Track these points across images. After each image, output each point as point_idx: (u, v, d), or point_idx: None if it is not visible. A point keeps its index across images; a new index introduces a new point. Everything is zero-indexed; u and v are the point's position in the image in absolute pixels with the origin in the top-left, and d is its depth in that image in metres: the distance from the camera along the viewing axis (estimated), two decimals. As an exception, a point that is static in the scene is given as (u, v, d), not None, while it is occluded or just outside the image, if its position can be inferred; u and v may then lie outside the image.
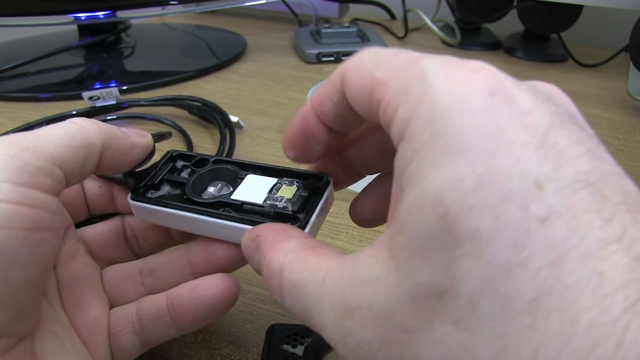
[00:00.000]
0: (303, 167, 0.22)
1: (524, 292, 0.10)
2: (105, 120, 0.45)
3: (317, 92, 0.18)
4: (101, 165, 0.20)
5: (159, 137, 0.41)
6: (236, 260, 0.21)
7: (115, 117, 0.46)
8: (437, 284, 0.11)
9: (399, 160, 0.13)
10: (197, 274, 0.21)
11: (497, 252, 0.11)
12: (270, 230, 0.18)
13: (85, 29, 0.62)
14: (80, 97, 0.45)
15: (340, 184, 0.22)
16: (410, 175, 0.12)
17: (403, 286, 0.12)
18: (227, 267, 0.21)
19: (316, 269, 0.15)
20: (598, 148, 0.12)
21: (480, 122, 0.12)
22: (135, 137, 0.21)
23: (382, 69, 0.14)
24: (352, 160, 0.21)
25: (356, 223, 0.22)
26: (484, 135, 0.11)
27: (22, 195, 0.15)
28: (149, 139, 0.22)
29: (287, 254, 0.16)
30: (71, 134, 0.18)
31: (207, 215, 0.20)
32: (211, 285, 0.20)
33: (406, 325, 0.12)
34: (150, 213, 0.22)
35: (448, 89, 0.12)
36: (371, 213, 0.21)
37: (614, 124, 0.48)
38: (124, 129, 0.21)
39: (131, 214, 0.23)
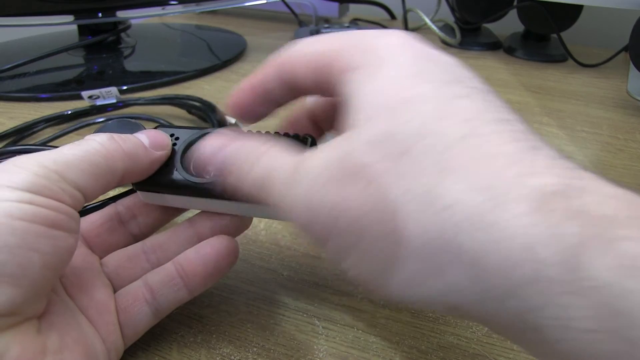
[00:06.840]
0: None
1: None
2: (101, 121, 0.45)
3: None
4: (119, 183, 0.21)
5: None
6: (239, 226, 0.24)
7: (111, 118, 0.46)
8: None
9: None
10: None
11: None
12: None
13: (85, 29, 0.62)
14: (80, 98, 0.45)
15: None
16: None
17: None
18: (231, 234, 0.24)
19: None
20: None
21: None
22: (155, 150, 0.22)
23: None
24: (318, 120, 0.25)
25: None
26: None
27: (43, 202, 0.18)
28: (167, 150, 0.23)
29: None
30: (96, 162, 0.20)
31: (210, 197, 0.22)
32: (215, 244, 0.23)
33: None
34: (157, 198, 0.24)
35: None
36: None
37: (614, 124, 0.48)
38: (145, 137, 0.22)
39: (123, 196, 0.25)
